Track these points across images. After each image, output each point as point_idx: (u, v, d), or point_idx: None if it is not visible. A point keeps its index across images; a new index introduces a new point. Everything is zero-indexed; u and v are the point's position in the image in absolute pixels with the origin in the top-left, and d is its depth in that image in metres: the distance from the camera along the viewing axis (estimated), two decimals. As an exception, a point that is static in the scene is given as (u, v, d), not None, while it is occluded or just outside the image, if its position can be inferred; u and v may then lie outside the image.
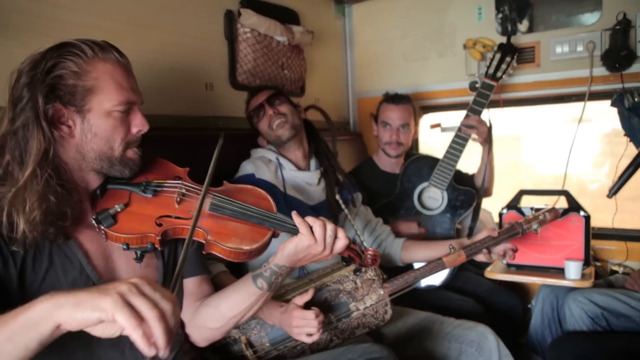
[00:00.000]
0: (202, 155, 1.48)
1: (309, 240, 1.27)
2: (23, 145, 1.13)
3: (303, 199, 1.97)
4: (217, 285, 1.51)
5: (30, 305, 0.82)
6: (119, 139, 1.23)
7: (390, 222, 2.44)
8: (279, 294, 1.67)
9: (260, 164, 1.95)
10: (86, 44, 1.18)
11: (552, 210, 1.90)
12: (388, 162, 2.73)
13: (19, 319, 0.82)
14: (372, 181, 2.65)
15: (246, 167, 1.94)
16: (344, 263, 1.39)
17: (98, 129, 1.20)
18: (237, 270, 1.83)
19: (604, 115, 2.76)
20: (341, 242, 1.30)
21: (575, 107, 2.65)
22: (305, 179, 2.03)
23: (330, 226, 1.29)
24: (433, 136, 3.20)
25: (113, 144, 1.22)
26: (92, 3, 1.69)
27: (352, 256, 1.36)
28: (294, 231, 1.30)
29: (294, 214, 1.31)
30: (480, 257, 1.82)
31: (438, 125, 2.88)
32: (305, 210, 1.90)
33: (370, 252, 1.39)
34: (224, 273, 1.74)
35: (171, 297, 0.84)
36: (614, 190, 2.03)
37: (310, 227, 1.28)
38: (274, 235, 1.33)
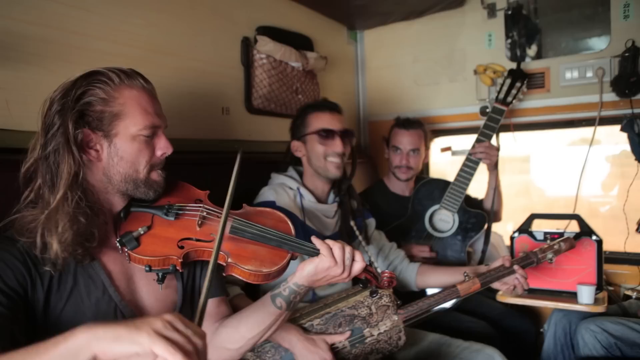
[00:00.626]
0: (218, 178, 1.50)
1: (329, 262, 1.29)
2: (54, 170, 1.19)
3: (319, 229, 2.00)
4: (233, 308, 1.53)
5: (69, 336, 0.85)
6: (144, 162, 1.28)
7: (402, 244, 2.46)
8: (294, 318, 1.68)
9: (281, 191, 1.96)
10: (113, 72, 1.24)
11: (567, 240, 1.92)
12: (399, 185, 2.77)
13: (59, 348, 0.85)
14: (383, 203, 2.69)
15: (267, 194, 1.95)
16: (361, 285, 1.41)
17: (124, 152, 1.25)
18: (253, 292, 1.86)
19: (613, 137, 2.78)
20: (358, 265, 1.33)
21: (584, 129, 2.68)
22: (323, 211, 2.04)
23: (348, 248, 1.32)
24: (443, 159, 3.23)
25: (138, 167, 1.28)
26: (117, 32, 1.75)
27: (369, 278, 1.39)
28: (312, 253, 1.33)
29: (313, 237, 1.34)
30: (496, 285, 1.84)
31: (449, 148, 2.91)
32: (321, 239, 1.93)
33: (386, 274, 1.41)
34: (240, 296, 1.77)
35: (202, 333, 0.88)
36: None
37: (330, 249, 1.31)
38: (292, 257, 1.35)
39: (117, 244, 1.25)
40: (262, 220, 1.40)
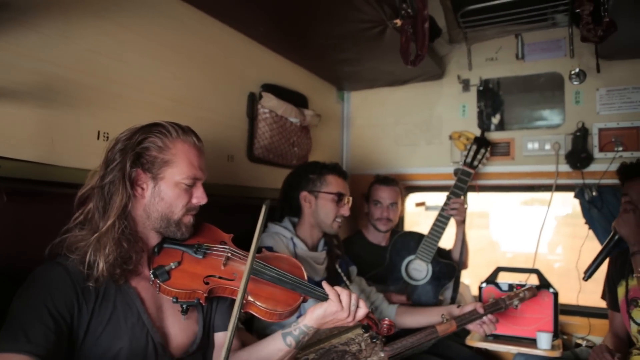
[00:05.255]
0: (222, 219, 1.68)
1: (336, 307, 1.48)
2: (107, 199, 1.38)
3: (310, 275, 2.18)
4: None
5: None
6: (180, 206, 1.46)
7: (380, 291, 2.66)
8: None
9: (277, 238, 2.16)
10: (172, 126, 1.45)
11: (531, 289, 2.21)
12: (376, 236, 3.03)
13: None
14: (362, 252, 2.91)
15: (266, 240, 2.14)
16: (363, 330, 1.58)
17: (165, 194, 1.44)
18: (250, 327, 2.01)
19: (563, 199, 3.14)
20: (362, 311, 1.52)
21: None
22: (314, 258, 2.24)
23: (354, 296, 1.52)
24: (416, 213, 3.51)
25: (174, 209, 1.46)
26: (149, 83, 1.95)
27: (370, 324, 1.56)
28: (322, 298, 1.51)
29: (324, 283, 1.53)
30: (469, 326, 2.08)
31: (423, 204, 3.22)
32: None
33: (386, 322, 1.59)
34: (240, 330, 1.91)
35: None
36: (588, 274, 2.32)
37: (338, 295, 1.50)
38: (304, 300, 1.53)
39: (151, 276, 1.40)
40: (280, 264, 1.57)
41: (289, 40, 2.58)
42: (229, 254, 1.53)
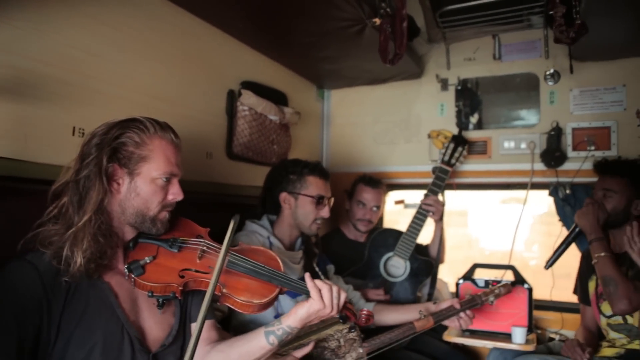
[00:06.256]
0: (200, 216, 1.67)
1: (319, 305, 1.48)
2: (83, 194, 1.36)
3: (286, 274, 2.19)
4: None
5: None
6: (156, 202, 1.46)
7: (359, 288, 2.69)
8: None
9: (253, 237, 2.15)
10: (150, 122, 1.45)
11: (506, 285, 2.26)
12: (355, 233, 3.04)
13: None
14: (341, 248, 2.93)
15: (242, 239, 2.11)
16: (341, 320, 1.59)
17: (141, 190, 1.43)
18: (227, 324, 2.01)
19: (539, 198, 3.21)
20: (342, 298, 1.53)
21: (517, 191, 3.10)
22: (290, 257, 2.24)
23: (335, 289, 1.52)
24: (396, 210, 3.55)
25: (150, 205, 1.45)
26: (125, 78, 1.93)
27: (349, 315, 1.57)
28: (299, 289, 1.52)
29: (307, 277, 1.52)
30: (446, 322, 2.11)
31: (402, 201, 3.25)
32: None
33: (364, 312, 1.61)
34: (218, 329, 1.90)
35: None
36: (550, 263, 2.43)
37: (320, 292, 1.49)
38: (281, 292, 1.53)
39: (125, 270, 1.40)
40: (256, 257, 1.58)
41: (268, 37, 2.58)
42: (205, 248, 1.54)
